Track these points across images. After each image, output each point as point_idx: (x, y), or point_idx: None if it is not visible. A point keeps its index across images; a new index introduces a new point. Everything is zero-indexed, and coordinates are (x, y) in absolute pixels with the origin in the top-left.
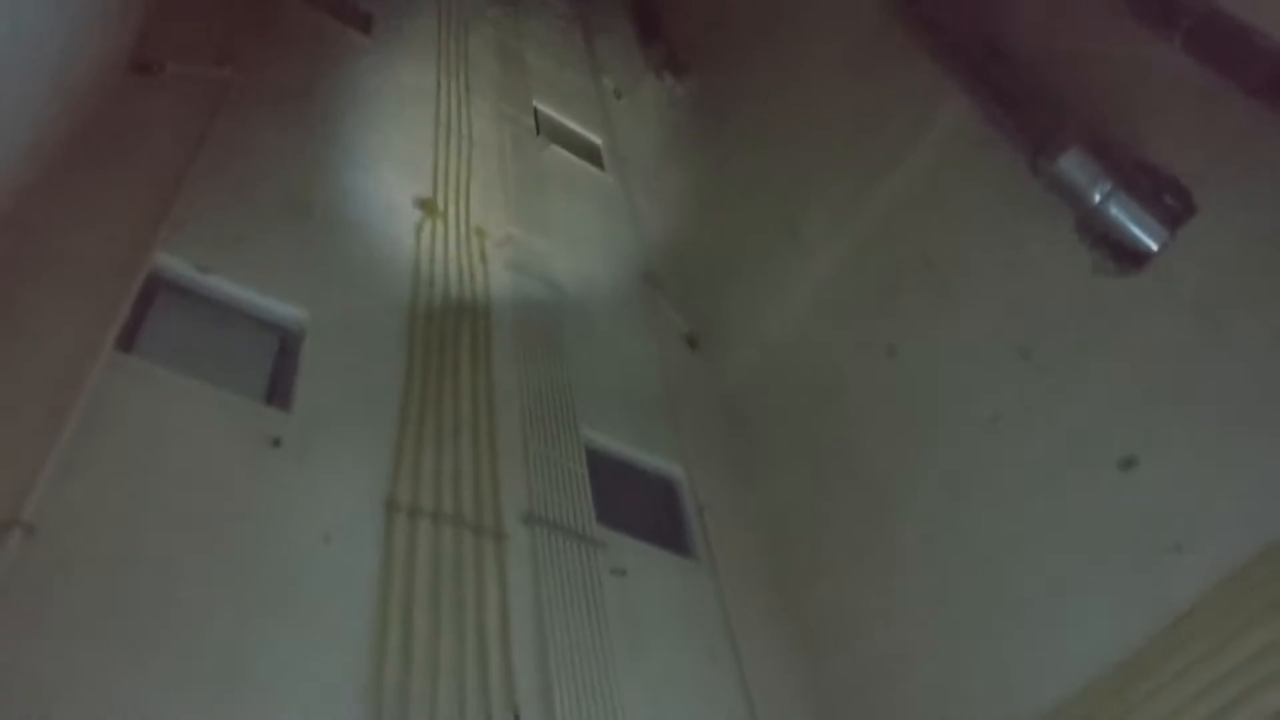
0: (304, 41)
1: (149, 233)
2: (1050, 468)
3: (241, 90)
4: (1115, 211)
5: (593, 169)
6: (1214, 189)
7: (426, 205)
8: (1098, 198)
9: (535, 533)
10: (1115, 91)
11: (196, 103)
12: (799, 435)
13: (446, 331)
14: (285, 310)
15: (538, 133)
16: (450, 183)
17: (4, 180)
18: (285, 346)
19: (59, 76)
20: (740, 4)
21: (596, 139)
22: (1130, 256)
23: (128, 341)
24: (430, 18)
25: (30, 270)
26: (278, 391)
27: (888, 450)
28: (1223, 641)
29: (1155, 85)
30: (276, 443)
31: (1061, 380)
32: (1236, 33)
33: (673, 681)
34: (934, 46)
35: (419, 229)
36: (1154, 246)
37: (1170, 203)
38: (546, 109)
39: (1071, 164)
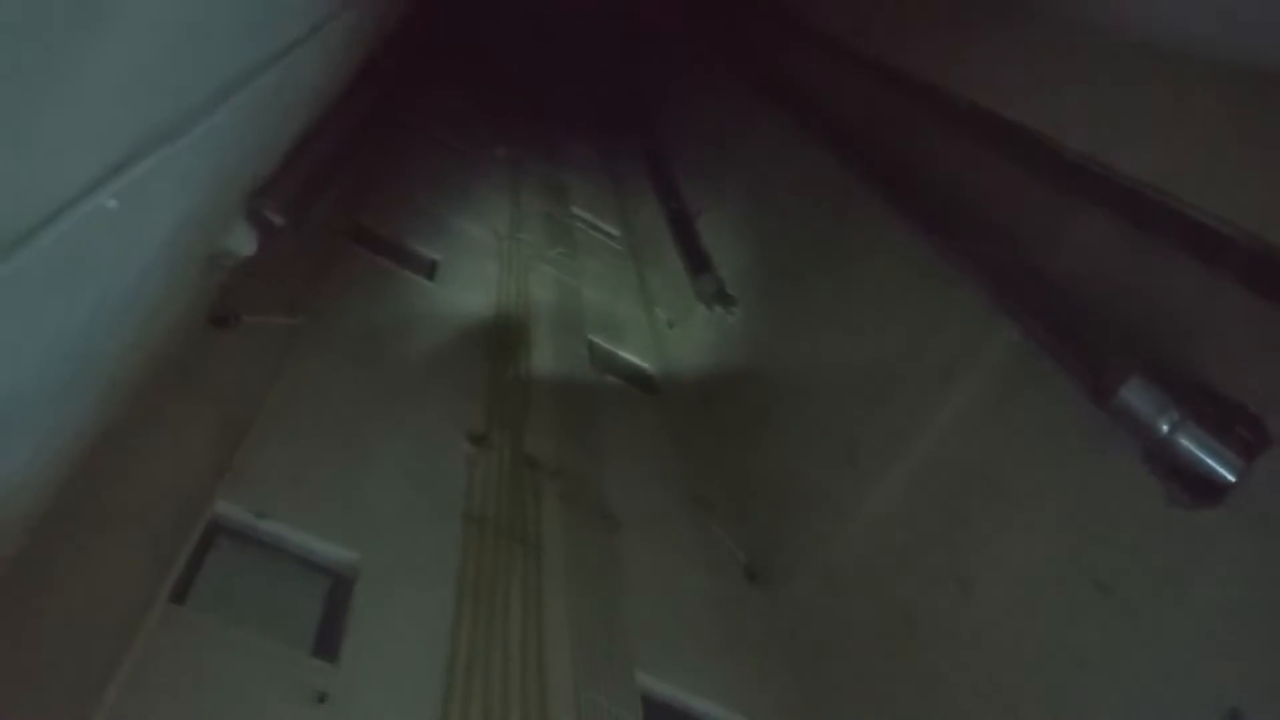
0: (370, 288)
1: (211, 481)
2: (1149, 716)
3: (308, 337)
4: (1186, 442)
5: (646, 397)
6: None
7: (478, 438)
8: (1166, 428)
9: None
10: (1172, 319)
11: (266, 351)
12: (868, 676)
13: (498, 569)
14: (338, 553)
15: (591, 363)
16: (504, 415)
17: (82, 428)
18: (336, 591)
19: (139, 336)
20: (789, 245)
21: (650, 368)
22: (1206, 488)
23: (181, 592)
24: (492, 261)
25: (95, 520)
26: (326, 641)
27: (968, 698)
28: None
29: (1213, 313)
30: (322, 698)
31: (1147, 620)
32: None
33: None
34: (979, 277)
35: (471, 464)
36: (1231, 478)
37: (1242, 432)
38: (602, 341)
39: (1134, 393)
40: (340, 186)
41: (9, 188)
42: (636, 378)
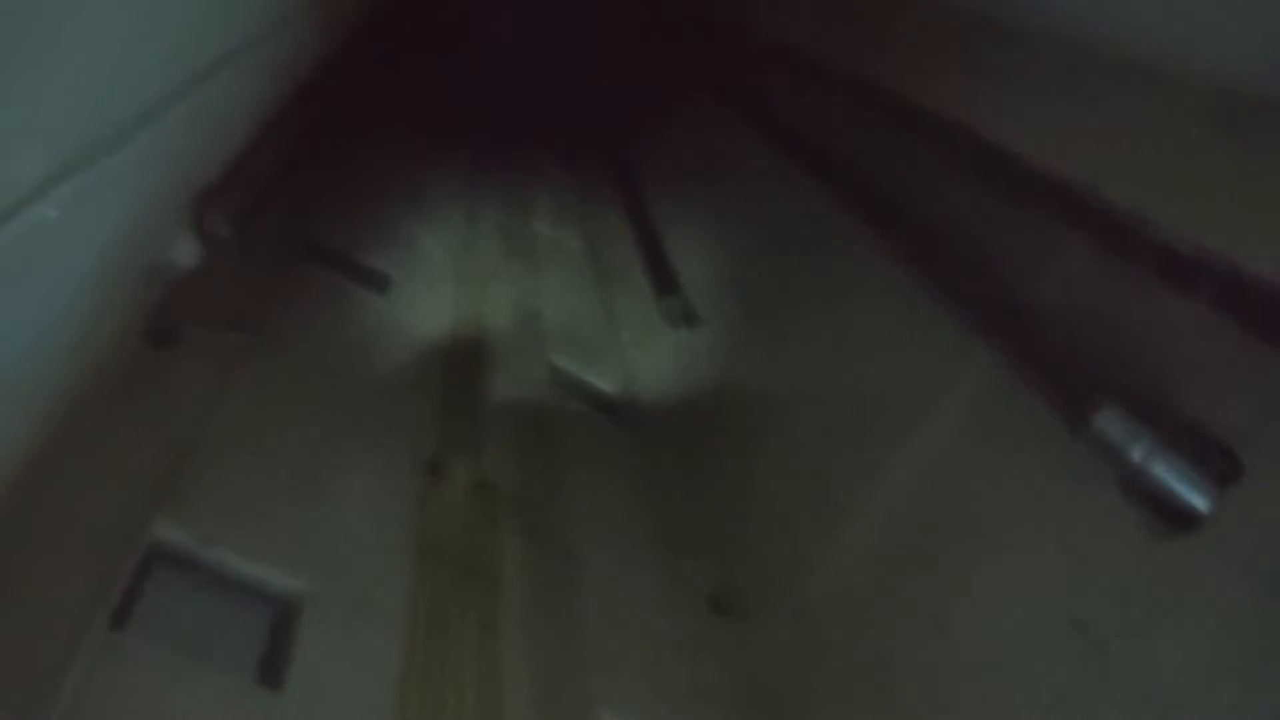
0: (320, 304)
1: (152, 505)
2: None
3: (255, 355)
4: (1159, 470)
5: (609, 423)
6: (1262, 448)
7: (435, 468)
8: (1138, 456)
9: None
10: (1145, 348)
11: (210, 370)
12: (840, 716)
13: (453, 603)
14: (284, 581)
15: (553, 386)
16: (460, 444)
17: (14, 446)
18: (281, 620)
19: (76, 351)
20: (764, 271)
21: (614, 392)
22: (1179, 518)
23: (121, 618)
24: (448, 278)
25: (29, 544)
26: (270, 671)
27: None
28: None
29: (1187, 341)
30: None
31: (1124, 659)
32: (1265, 290)
33: None
34: (954, 309)
35: (424, 493)
36: (1203, 507)
37: (1216, 462)
38: (563, 364)
39: (1108, 422)
40: (289, 197)
41: None
42: (601, 403)
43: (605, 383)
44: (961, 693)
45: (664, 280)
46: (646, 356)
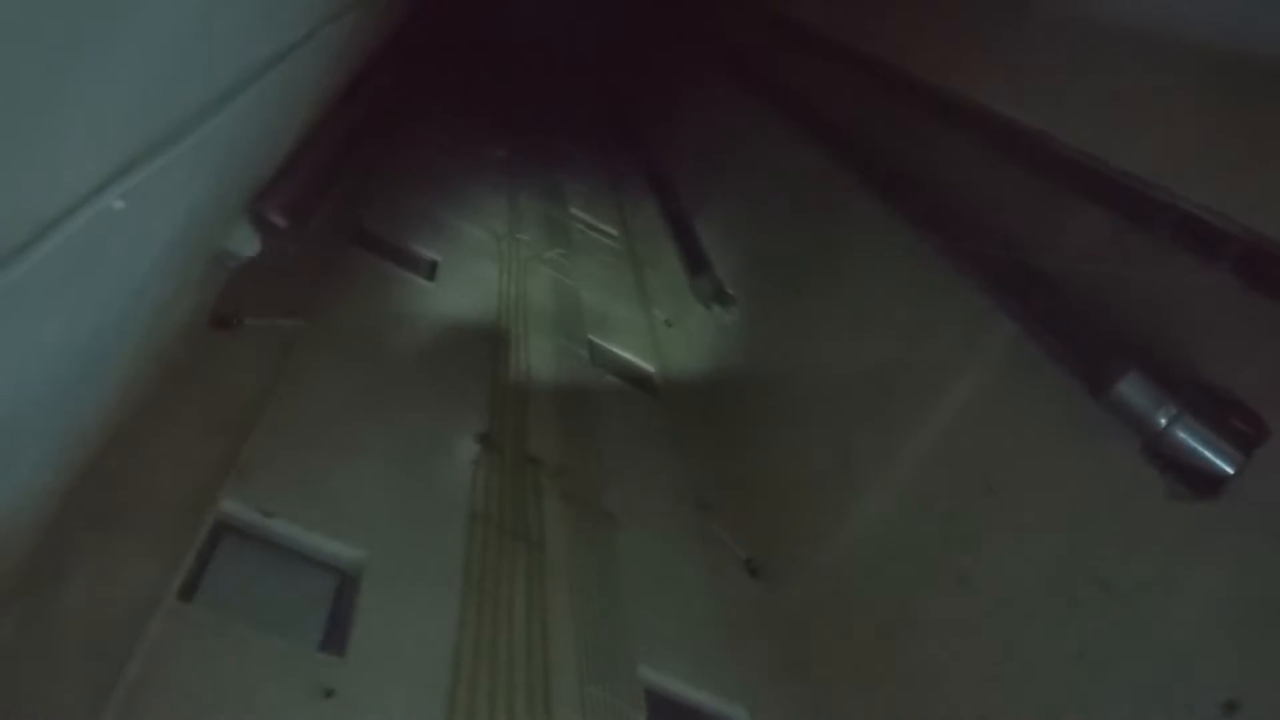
0: (371, 289)
1: (217, 481)
2: (1145, 712)
3: (310, 338)
4: (1184, 435)
5: (645, 397)
6: None
7: (484, 438)
8: (1163, 421)
9: None
10: (1167, 314)
11: (269, 352)
12: (867, 669)
13: (503, 566)
14: (344, 552)
15: (591, 362)
16: (506, 417)
17: (88, 430)
18: (342, 589)
19: (145, 337)
20: (788, 245)
21: (649, 367)
22: (1205, 481)
23: (189, 590)
24: (491, 262)
25: (103, 521)
26: (333, 638)
27: (969, 690)
28: None
29: (1209, 308)
30: (329, 694)
31: (1147, 614)
32: None
33: None
34: (982, 274)
35: (475, 463)
36: (1229, 470)
37: (1239, 425)
38: (601, 341)
39: (1131, 388)
40: (341, 188)
41: (15, 192)
42: (636, 377)
43: (640, 359)
44: (985, 646)
45: (696, 260)
46: (679, 333)
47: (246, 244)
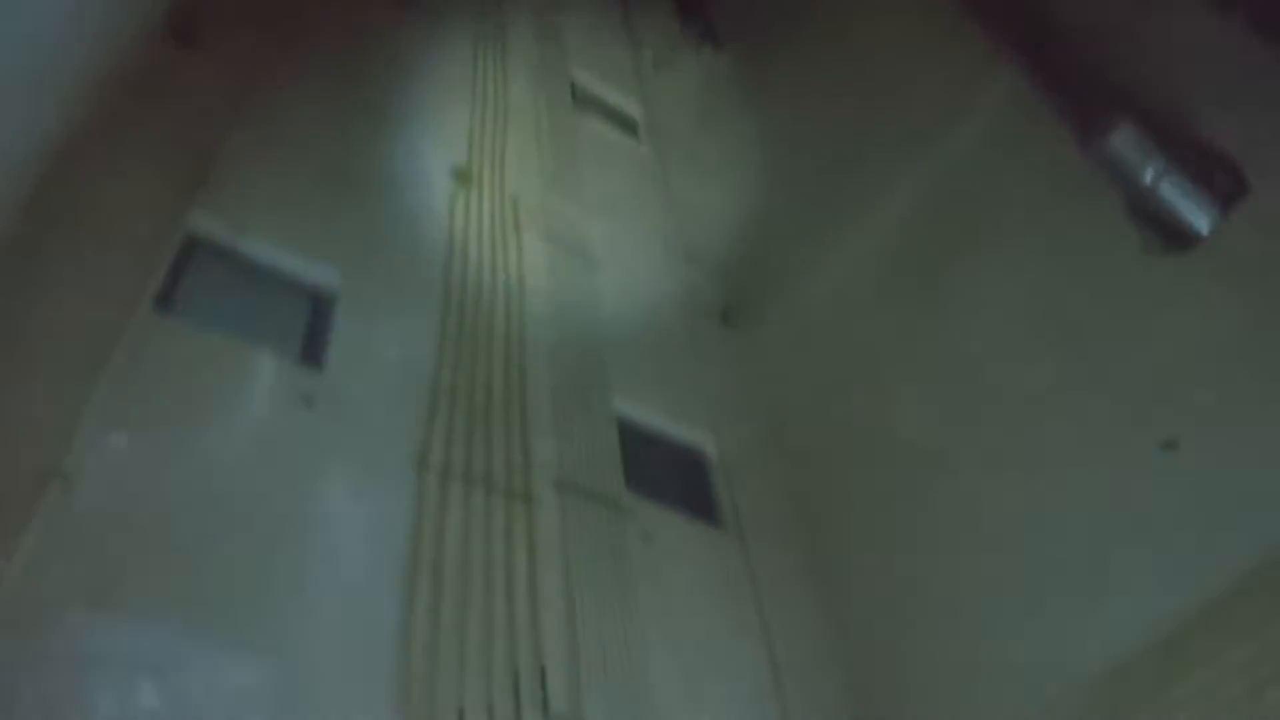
0: (343, 14)
1: (187, 195)
2: (1091, 447)
3: (280, 60)
4: (1167, 191)
5: (629, 140)
6: (1268, 167)
7: (462, 174)
8: (1149, 176)
9: (565, 498)
10: (1169, 67)
11: (236, 72)
12: (834, 410)
13: (481, 299)
14: (319, 272)
15: (574, 102)
16: (485, 152)
17: (45, 139)
18: (319, 308)
19: (94, 44)
20: None
21: (634, 111)
22: (1181, 236)
23: (165, 302)
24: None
25: (71, 227)
26: (311, 352)
27: (926, 425)
28: (1265, 618)
29: (1212, 62)
30: (309, 401)
31: (1105, 360)
32: None
33: (698, 649)
34: (984, 21)
35: (454, 197)
36: (1205, 228)
37: (1222, 181)
38: (583, 81)
39: (1123, 141)
40: None
41: None
42: (621, 121)
43: (625, 101)
44: (946, 386)
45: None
46: (666, 75)
47: None
